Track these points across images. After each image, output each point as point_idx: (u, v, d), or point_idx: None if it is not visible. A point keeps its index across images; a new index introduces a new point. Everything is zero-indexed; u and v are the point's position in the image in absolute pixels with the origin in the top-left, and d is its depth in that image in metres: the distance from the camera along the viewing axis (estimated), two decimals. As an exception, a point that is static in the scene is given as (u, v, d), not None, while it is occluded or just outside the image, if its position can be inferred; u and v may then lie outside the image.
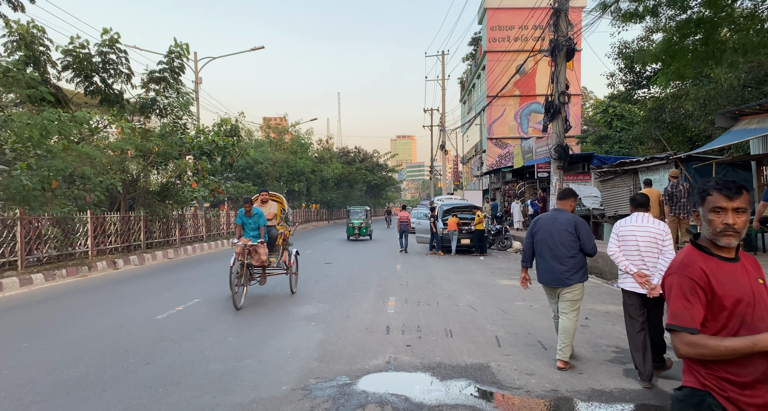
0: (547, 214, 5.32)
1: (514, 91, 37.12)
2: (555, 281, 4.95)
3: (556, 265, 4.91)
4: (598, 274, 12.46)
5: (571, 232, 4.92)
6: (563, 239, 4.92)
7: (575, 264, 4.92)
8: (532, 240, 5.19)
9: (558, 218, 5.05)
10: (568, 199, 5.24)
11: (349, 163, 59.72)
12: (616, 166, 14.99)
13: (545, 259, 5.01)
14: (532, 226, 5.25)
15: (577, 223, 4.96)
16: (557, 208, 5.32)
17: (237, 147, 19.91)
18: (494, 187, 34.14)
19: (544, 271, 5.05)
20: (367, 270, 12.99)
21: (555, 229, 4.97)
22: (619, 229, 4.81)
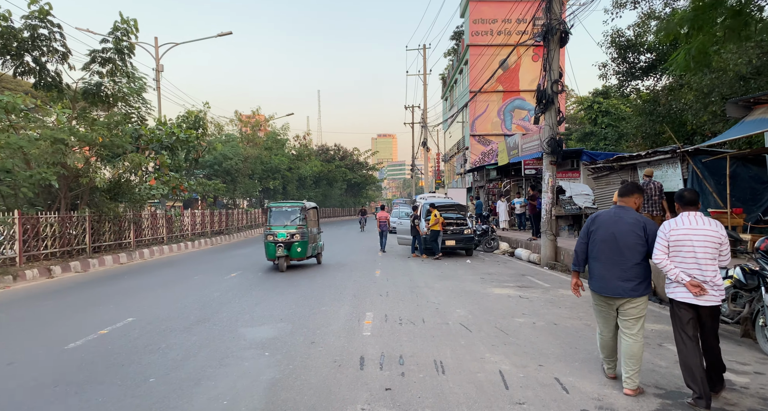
0: (607, 211, 4.52)
1: (497, 86, 36.08)
2: (615, 291, 4.23)
3: (618, 272, 4.22)
4: (598, 279, 11.26)
5: (639, 235, 4.21)
6: (629, 242, 4.21)
7: (641, 273, 4.21)
8: (587, 240, 4.49)
9: (623, 217, 4.31)
10: (632, 194, 4.47)
11: (329, 161, 58.14)
12: (614, 162, 13.85)
13: (603, 265, 4.31)
14: (589, 224, 4.51)
15: (647, 225, 4.24)
16: (619, 205, 4.50)
17: (202, 141, 18.20)
18: (478, 185, 33.02)
19: (601, 279, 4.33)
20: (341, 277, 11.54)
21: (619, 229, 4.26)
22: (670, 233, 4.09)
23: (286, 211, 12.66)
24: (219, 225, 23.68)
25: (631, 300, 4.18)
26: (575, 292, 4.68)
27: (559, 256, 13.67)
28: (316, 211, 14.52)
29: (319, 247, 14.23)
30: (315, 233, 13.76)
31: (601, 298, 4.40)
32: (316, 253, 13.83)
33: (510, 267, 13.61)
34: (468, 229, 16.51)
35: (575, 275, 4.69)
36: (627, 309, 4.22)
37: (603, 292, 4.32)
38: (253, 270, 12.83)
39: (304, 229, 12.47)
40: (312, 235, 13.21)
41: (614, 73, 17.42)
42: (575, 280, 4.69)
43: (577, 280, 4.69)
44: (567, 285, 10.30)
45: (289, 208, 12.76)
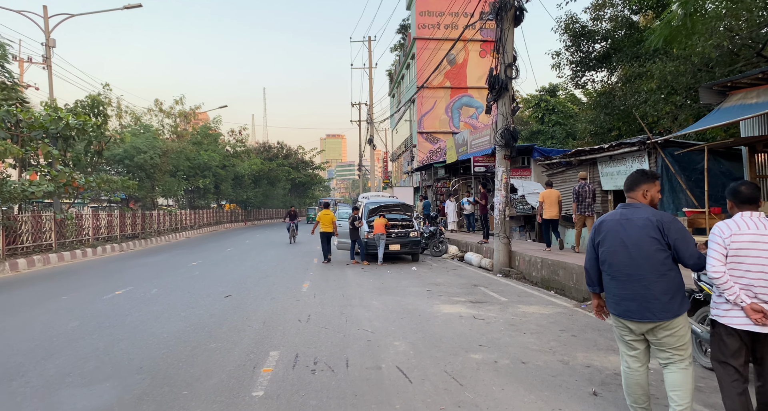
0: (612, 213, 3.52)
1: (444, 82, 34.91)
2: (640, 315, 3.27)
3: (638, 289, 3.28)
4: (559, 290, 9.79)
5: (655, 238, 3.25)
6: (645, 250, 3.27)
7: (669, 285, 3.24)
8: (596, 254, 3.54)
9: (631, 219, 3.35)
10: (639, 185, 3.44)
11: (271, 159, 55.03)
12: (571, 157, 12.54)
13: (619, 282, 3.37)
14: (594, 234, 3.56)
15: (663, 223, 3.26)
16: (627, 202, 3.52)
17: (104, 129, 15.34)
18: (426, 184, 31.59)
19: (620, 299, 3.37)
20: (258, 292, 9.39)
21: (629, 235, 3.33)
22: (731, 239, 3.17)
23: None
24: (133, 228, 20.63)
25: (664, 324, 3.20)
26: (599, 316, 3.71)
27: (514, 262, 12.19)
28: None
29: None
30: None
31: (623, 324, 3.40)
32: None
33: (460, 274, 11.96)
34: (414, 232, 14.78)
35: (596, 297, 3.69)
36: (662, 335, 3.23)
37: (624, 316, 3.33)
38: (150, 284, 10.40)
39: None
40: None
41: (568, 63, 16.29)
42: (597, 302, 3.68)
43: (599, 301, 3.68)
44: (526, 298, 8.71)
45: None
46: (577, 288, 9.17)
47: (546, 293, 9.40)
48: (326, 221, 15.09)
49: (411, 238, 14.65)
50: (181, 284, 10.43)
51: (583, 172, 11.29)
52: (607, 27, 15.31)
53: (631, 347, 3.42)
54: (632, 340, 3.39)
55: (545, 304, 8.20)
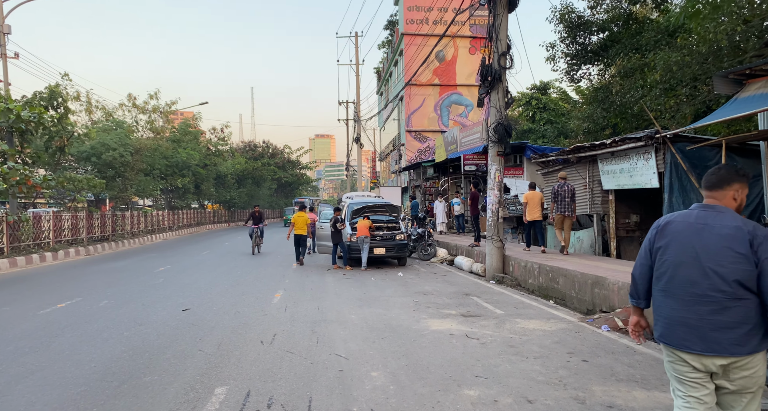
0: (684, 214, 2.65)
1: (433, 79, 34.00)
2: (703, 345, 2.45)
3: (706, 313, 2.46)
4: (558, 299, 8.85)
5: (740, 253, 2.39)
6: (724, 265, 2.42)
7: (749, 314, 2.40)
8: (651, 260, 2.69)
9: (711, 225, 2.51)
10: (729, 185, 2.60)
11: (256, 159, 53.69)
12: (569, 153, 11.64)
13: (680, 301, 2.54)
14: (654, 236, 2.71)
15: (756, 236, 2.38)
16: (706, 203, 2.64)
17: (65, 123, 14.09)
18: (414, 184, 30.63)
19: (676, 324, 2.54)
20: (222, 304, 8.31)
21: (705, 244, 2.49)
22: None
23: None
24: (102, 230, 19.33)
25: (741, 362, 2.46)
26: (636, 338, 2.97)
27: (508, 267, 11.25)
28: None
29: None
30: None
31: (679, 356, 2.60)
32: None
33: (450, 281, 10.98)
34: (401, 234, 13.78)
35: (636, 311, 2.95)
36: (735, 379, 2.49)
37: (681, 347, 2.56)
38: (103, 294, 9.25)
39: None
40: None
41: (563, 56, 15.42)
42: (636, 319, 2.94)
43: (640, 318, 2.94)
44: (524, 310, 7.75)
45: None
46: (579, 298, 8.24)
47: (545, 304, 8.45)
48: (300, 223, 14.33)
49: (397, 241, 13.65)
50: (138, 294, 9.30)
51: (563, 172, 11.32)
52: (604, 17, 14.46)
53: (696, 387, 2.57)
54: (698, 378, 2.56)
55: (546, 317, 7.24)
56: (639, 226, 11.55)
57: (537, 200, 11.26)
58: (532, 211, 11.32)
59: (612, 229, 11.14)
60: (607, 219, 11.19)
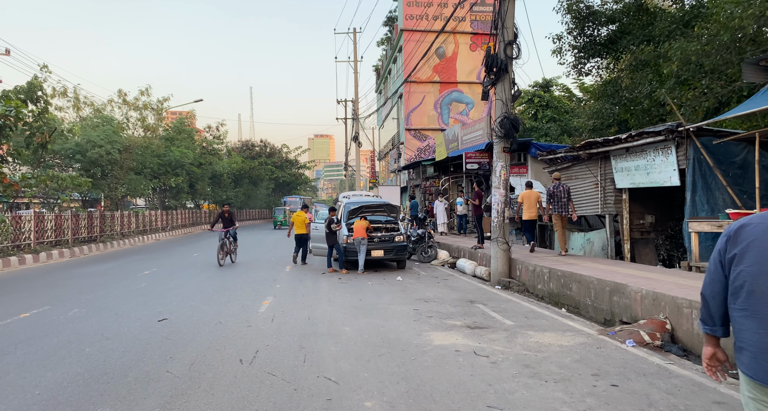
0: (762, 215, 2.09)
1: (433, 76, 33.26)
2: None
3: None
4: (572, 307, 8.12)
5: None
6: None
7: None
8: (724, 274, 2.14)
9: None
10: None
11: (253, 158, 52.94)
12: (580, 150, 10.91)
13: (763, 321, 1.97)
14: (725, 243, 2.14)
15: None
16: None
17: (47, 118, 13.33)
18: (414, 183, 29.93)
19: (764, 351, 1.97)
20: (204, 313, 7.57)
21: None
22: None
23: None
24: (89, 230, 18.56)
25: None
26: (712, 375, 2.31)
27: (514, 271, 10.53)
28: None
29: None
30: None
31: (764, 391, 1.99)
32: None
33: (453, 286, 10.25)
34: (400, 236, 13.05)
35: (711, 342, 2.27)
36: None
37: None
38: (76, 301, 8.51)
39: None
40: None
41: (570, 48, 14.69)
42: (711, 350, 2.27)
43: (715, 349, 2.27)
44: (536, 320, 7.02)
45: None
46: (596, 307, 7.52)
47: (558, 313, 7.73)
48: (299, 222, 14.00)
49: (396, 243, 12.92)
50: (115, 301, 8.55)
51: (557, 172, 11.38)
52: (614, 8, 13.74)
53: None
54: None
55: (561, 329, 6.52)
56: (654, 228, 10.84)
57: (533, 200, 11.12)
58: (527, 211, 11.19)
59: (626, 231, 10.42)
60: (621, 220, 10.47)
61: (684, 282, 6.99)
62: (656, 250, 10.63)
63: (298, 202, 40.61)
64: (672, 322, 5.94)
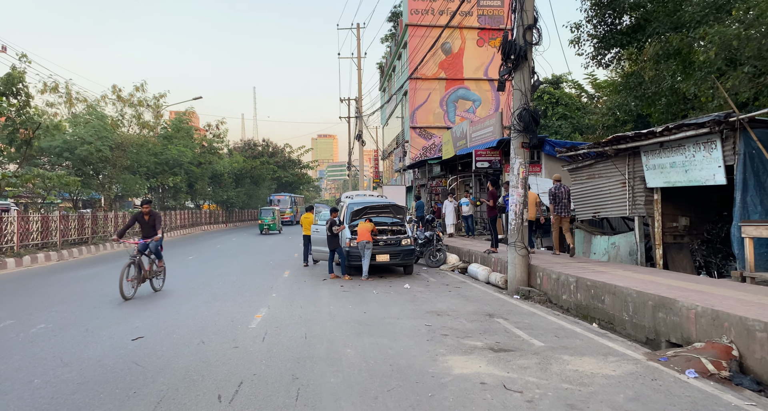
0: None
1: (439, 73, 32.29)
2: None
3: None
4: (605, 322, 7.15)
5: None
6: None
7: None
8: None
9: None
10: None
11: (255, 157, 52.08)
12: (606, 145, 9.92)
13: None
14: None
15: None
16: None
17: (31, 112, 12.43)
18: (419, 183, 28.97)
19: None
20: (188, 329, 6.63)
21: None
22: None
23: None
24: (80, 232, 17.66)
25: None
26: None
27: (534, 279, 9.55)
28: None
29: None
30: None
31: None
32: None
33: (466, 296, 9.28)
34: (407, 239, 12.09)
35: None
36: None
37: None
38: (45, 314, 7.59)
39: None
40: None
41: (589, 38, 13.69)
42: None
43: None
44: (567, 339, 6.04)
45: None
46: (635, 323, 6.53)
47: (590, 329, 6.75)
48: (307, 225, 13.74)
49: (403, 246, 11.96)
50: (88, 314, 7.63)
51: (558, 174, 11.42)
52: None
53: None
54: None
55: (602, 352, 5.54)
56: (688, 231, 9.83)
57: (532, 200, 11.05)
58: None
59: (657, 235, 9.42)
60: (651, 222, 9.47)
61: (745, 297, 6.00)
62: (692, 256, 9.63)
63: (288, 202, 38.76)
64: (740, 348, 4.95)
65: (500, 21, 32.49)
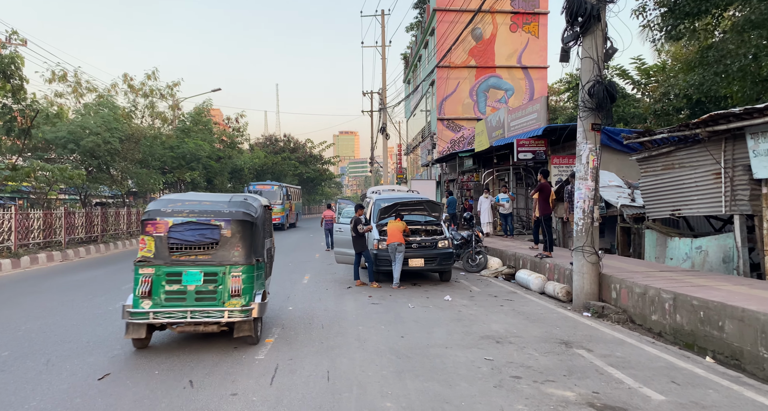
0: None
1: (469, 60, 30.33)
2: None
3: None
4: (728, 356, 5.33)
5: None
6: None
7: None
8: None
9: None
10: None
11: (277, 153, 51.01)
12: (696, 127, 8.01)
13: None
14: None
15: None
16: None
17: (22, 98, 11.20)
18: (448, 178, 27.16)
19: None
20: (172, 362, 5.11)
21: None
22: None
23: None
24: (88, 230, 16.53)
25: None
26: None
27: (607, 292, 7.76)
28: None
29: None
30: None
31: None
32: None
33: (524, 313, 7.54)
34: (445, 241, 10.41)
35: None
36: None
37: None
38: (11, 336, 6.20)
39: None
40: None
41: (657, 6, 11.68)
42: None
43: None
44: (690, 386, 4.27)
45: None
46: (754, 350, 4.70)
47: (711, 368, 4.96)
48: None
49: (439, 249, 10.29)
50: (61, 336, 6.19)
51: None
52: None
53: None
54: None
55: (760, 417, 3.76)
56: (804, 234, 7.84)
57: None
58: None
59: (766, 238, 7.49)
60: (759, 222, 7.55)
61: None
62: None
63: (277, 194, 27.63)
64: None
65: (535, 4, 30.35)
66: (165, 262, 5.23)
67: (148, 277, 5.19)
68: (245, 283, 5.33)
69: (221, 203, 5.64)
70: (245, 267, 5.36)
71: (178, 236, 5.29)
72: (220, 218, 5.38)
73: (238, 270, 5.32)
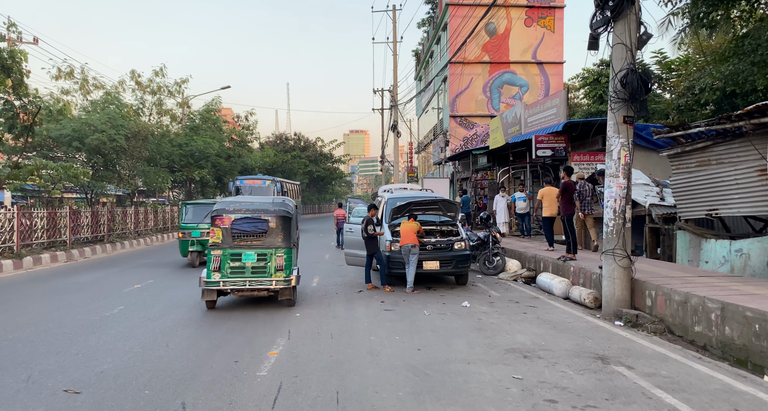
0: None
1: (482, 56, 29.62)
2: None
3: None
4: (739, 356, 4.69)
5: None
6: None
7: None
8: None
9: None
10: None
11: (287, 151, 50.70)
12: (739, 120, 7.33)
13: None
14: None
15: None
16: None
17: (23, 93, 10.83)
18: (461, 176, 26.54)
19: None
20: (164, 381, 4.62)
21: None
22: None
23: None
24: (94, 230, 16.21)
25: None
26: None
27: (640, 299, 7.13)
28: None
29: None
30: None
31: None
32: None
33: (550, 321, 6.94)
34: (461, 242, 9.83)
35: None
36: None
37: None
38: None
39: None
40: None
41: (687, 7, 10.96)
42: None
43: None
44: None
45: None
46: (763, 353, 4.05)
47: None
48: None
49: (456, 251, 9.71)
50: (48, 347, 5.74)
51: (581, 172, 11.41)
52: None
53: None
54: None
55: None
56: None
57: (554, 196, 10.69)
58: (548, 208, 11.06)
59: (818, 241, 6.80)
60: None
61: None
62: None
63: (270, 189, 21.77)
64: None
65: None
66: (229, 246, 7.26)
67: (218, 257, 7.18)
68: (286, 261, 7.40)
69: (267, 203, 7.63)
70: (286, 249, 7.43)
71: (238, 227, 7.31)
72: (268, 214, 7.42)
73: (281, 252, 7.38)
